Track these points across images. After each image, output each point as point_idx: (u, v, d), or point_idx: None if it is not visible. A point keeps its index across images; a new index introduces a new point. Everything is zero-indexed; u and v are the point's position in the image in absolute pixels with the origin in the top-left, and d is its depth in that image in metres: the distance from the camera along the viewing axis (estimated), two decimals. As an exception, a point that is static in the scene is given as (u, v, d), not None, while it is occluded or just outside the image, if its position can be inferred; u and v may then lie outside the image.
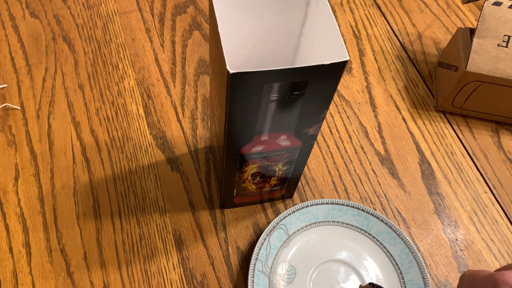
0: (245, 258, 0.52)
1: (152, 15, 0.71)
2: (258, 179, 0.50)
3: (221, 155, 0.46)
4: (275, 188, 0.53)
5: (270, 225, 0.52)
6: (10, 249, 0.51)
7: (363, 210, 0.54)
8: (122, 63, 0.65)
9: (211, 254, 0.52)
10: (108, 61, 0.65)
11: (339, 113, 0.64)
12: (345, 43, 0.71)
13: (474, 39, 0.58)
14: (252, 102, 0.36)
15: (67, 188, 0.55)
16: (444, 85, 0.64)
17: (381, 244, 0.53)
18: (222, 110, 0.39)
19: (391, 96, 0.66)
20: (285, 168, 0.49)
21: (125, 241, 0.52)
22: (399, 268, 0.52)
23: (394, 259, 0.52)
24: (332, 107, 0.65)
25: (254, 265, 0.50)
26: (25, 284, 0.49)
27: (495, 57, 0.57)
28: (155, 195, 0.55)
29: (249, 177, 0.49)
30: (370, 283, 0.46)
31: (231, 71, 0.33)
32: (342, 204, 0.54)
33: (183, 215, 0.54)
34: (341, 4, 0.76)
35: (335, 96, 0.66)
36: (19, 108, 0.60)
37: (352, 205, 0.54)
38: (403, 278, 0.51)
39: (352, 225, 0.54)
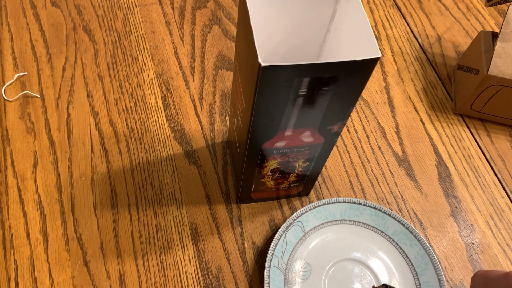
0: (261, 254, 0.52)
1: (173, 9, 0.71)
2: (277, 175, 0.50)
3: (242, 150, 0.46)
4: (293, 184, 0.53)
5: (287, 221, 0.52)
6: (28, 235, 0.51)
7: (380, 210, 0.54)
8: (141, 55, 0.66)
9: (226, 248, 0.52)
10: (128, 52, 0.66)
11: (357, 112, 0.64)
12: (364, 43, 0.71)
13: (497, 43, 0.58)
14: (280, 97, 0.36)
15: (85, 177, 0.55)
16: (463, 88, 0.64)
17: (397, 244, 0.53)
18: (248, 104, 0.39)
19: (410, 97, 0.66)
20: (305, 165, 0.49)
21: (142, 232, 0.52)
22: (414, 269, 0.52)
23: (410, 260, 0.52)
24: (350, 106, 0.64)
25: (271, 260, 0.50)
26: (42, 271, 0.49)
27: (518, 61, 0.57)
28: (172, 188, 0.55)
29: (269, 173, 0.49)
30: (383, 285, 0.46)
31: (263, 64, 0.33)
32: (359, 204, 0.54)
33: (199, 208, 0.54)
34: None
35: (354, 96, 0.65)
36: (39, 96, 0.60)
37: (369, 204, 0.54)
38: (418, 280, 0.51)
39: (369, 225, 0.54)
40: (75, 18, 0.68)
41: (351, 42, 0.39)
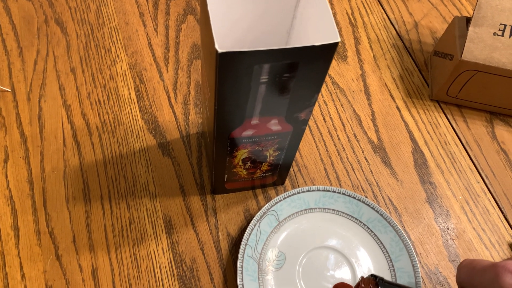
0: (235, 244, 0.52)
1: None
2: (249, 164, 0.49)
3: (211, 140, 0.45)
4: (266, 174, 0.52)
5: (260, 210, 0.51)
6: (-2, 231, 0.51)
7: (354, 198, 0.53)
8: (115, 46, 0.65)
9: (201, 239, 0.52)
10: (101, 44, 0.65)
11: (333, 100, 0.64)
12: (340, 31, 0.71)
13: (470, 28, 0.58)
14: (242, 84, 0.36)
15: (57, 171, 0.55)
16: (439, 74, 0.64)
17: (372, 231, 0.53)
18: (212, 92, 0.38)
19: (386, 84, 0.66)
20: (276, 153, 0.48)
21: (115, 225, 0.52)
22: (389, 256, 0.52)
23: (384, 247, 0.52)
24: (326, 94, 0.64)
25: (244, 250, 0.49)
26: (13, 266, 0.49)
27: (491, 46, 0.57)
28: (146, 180, 0.55)
29: (240, 162, 0.48)
30: (372, 275, 0.45)
31: (220, 51, 0.32)
32: (334, 192, 0.54)
33: (173, 200, 0.54)
34: (338, -9, 0.75)
35: (329, 84, 0.65)
36: (10, 91, 0.60)
37: (343, 192, 0.54)
38: (393, 266, 0.51)
39: (343, 213, 0.54)
40: (46, 11, 0.67)
41: (314, 28, 0.39)
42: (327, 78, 0.65)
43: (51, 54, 0.63)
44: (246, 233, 0.50)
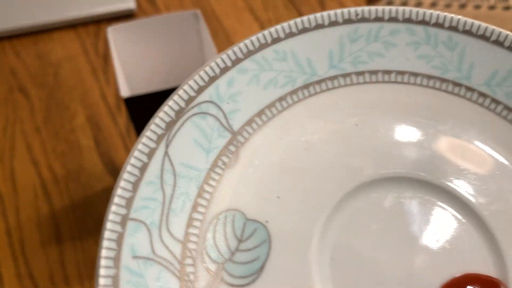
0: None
1: (97, 56, 0.78)
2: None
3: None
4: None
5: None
6: (-16, 280, 0.57)
7: (437, 24, 0.23)
8: (73, 103, 0.73)
9: (163, 260, 0.59)
10: (61, 103, 0.73)
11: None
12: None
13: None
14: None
15: (31, 220, 0.62)
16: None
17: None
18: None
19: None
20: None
21: (86, 260, 0.59)
22: None
23: None
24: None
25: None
26: (0, 309, 0.56)
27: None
28: (110, 216, 0.62)
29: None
30: None
31: (124, 96, 0.40)
32: (377, 19, 0.24)
33: (136, 230, 0.61)
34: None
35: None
36: (-16, 156, 0.67)
37: (399, 15, 0.24)
38: None
39: (419, 74, 0.25)
40: (11, 82, 0.76)
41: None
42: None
43: (18, 119, 0.71)
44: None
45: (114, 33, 0.46)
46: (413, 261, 0.22)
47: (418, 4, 0.64)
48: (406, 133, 0.25)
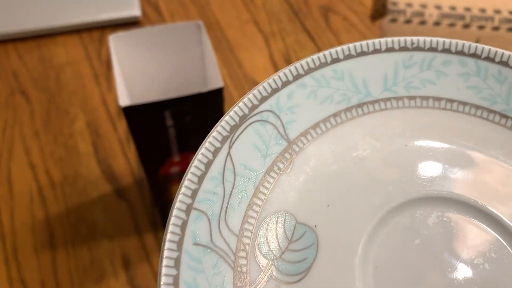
0: (187, 271, 0.58)
1: (100, 62, 0.78)
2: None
3: (146, 180, 0.52)
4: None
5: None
6: (-25, 284, 0.57)
7: (489, 58, 0.26)
8: (73, 108, 0.73)
9: (156, 271, 0.58)
10: (61, 107, 0.73)
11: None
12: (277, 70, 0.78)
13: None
14: (152, 129, 0.43)
15: (26, 225, 0.61)
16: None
17: None
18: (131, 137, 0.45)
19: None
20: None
21: (78, 266, 0.58)
22: None
23: None
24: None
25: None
26: (-11, 313, 0.55)
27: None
28: (105, 223, 0.61)
29: (179, 197, 0.55)
30: None
31: (122, 105, 0.39)
32: (432, 49, 0.27)
33: (130, 239, 0.60)
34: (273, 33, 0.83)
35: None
36: (-18, 158, 0.67)
37: (453, 47, 0.27)
38: None
39: (468, 104, 0.27)
40: (13, 84, 0.76)
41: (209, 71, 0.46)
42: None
43: (18, 121, 0.71)
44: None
45: (115, 41, 0.46)
46: (454, 276, 0.24)
47: (422, 23, 0.64)
48: (453, 157, 0.27)
